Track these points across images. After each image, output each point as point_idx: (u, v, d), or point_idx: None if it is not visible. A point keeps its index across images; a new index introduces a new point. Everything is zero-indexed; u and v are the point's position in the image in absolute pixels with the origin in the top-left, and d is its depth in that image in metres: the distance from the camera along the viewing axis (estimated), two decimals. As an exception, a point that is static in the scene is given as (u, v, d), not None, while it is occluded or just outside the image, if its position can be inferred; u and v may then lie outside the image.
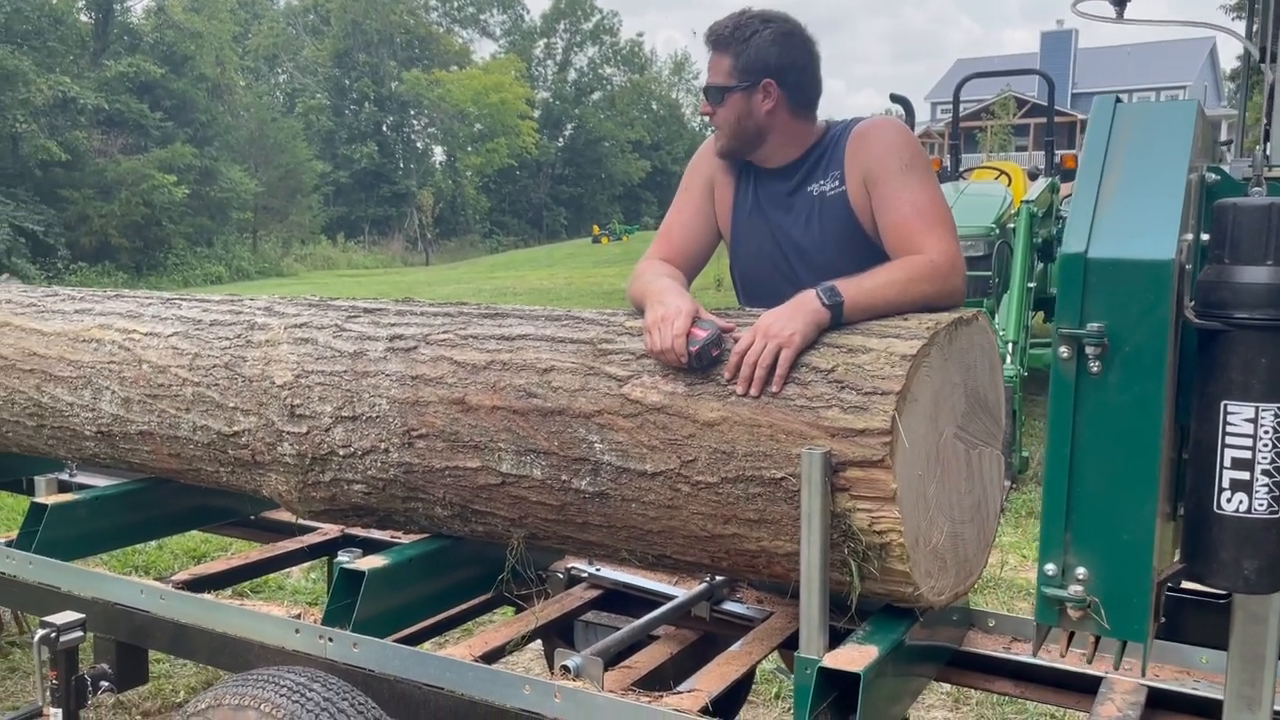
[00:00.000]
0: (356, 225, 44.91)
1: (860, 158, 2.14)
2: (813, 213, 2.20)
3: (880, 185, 2.10)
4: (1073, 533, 0.99)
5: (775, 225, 2.25)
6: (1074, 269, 0.95)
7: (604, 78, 64.49)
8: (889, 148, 2.12)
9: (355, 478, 2.29)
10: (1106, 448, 0.97)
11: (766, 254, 2.27)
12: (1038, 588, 1.02)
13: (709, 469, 1.86)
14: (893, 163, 2.09)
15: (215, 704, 1.87)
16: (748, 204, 2.30)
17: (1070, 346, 0.96)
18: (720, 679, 2.04)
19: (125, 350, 2.63)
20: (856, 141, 2.16)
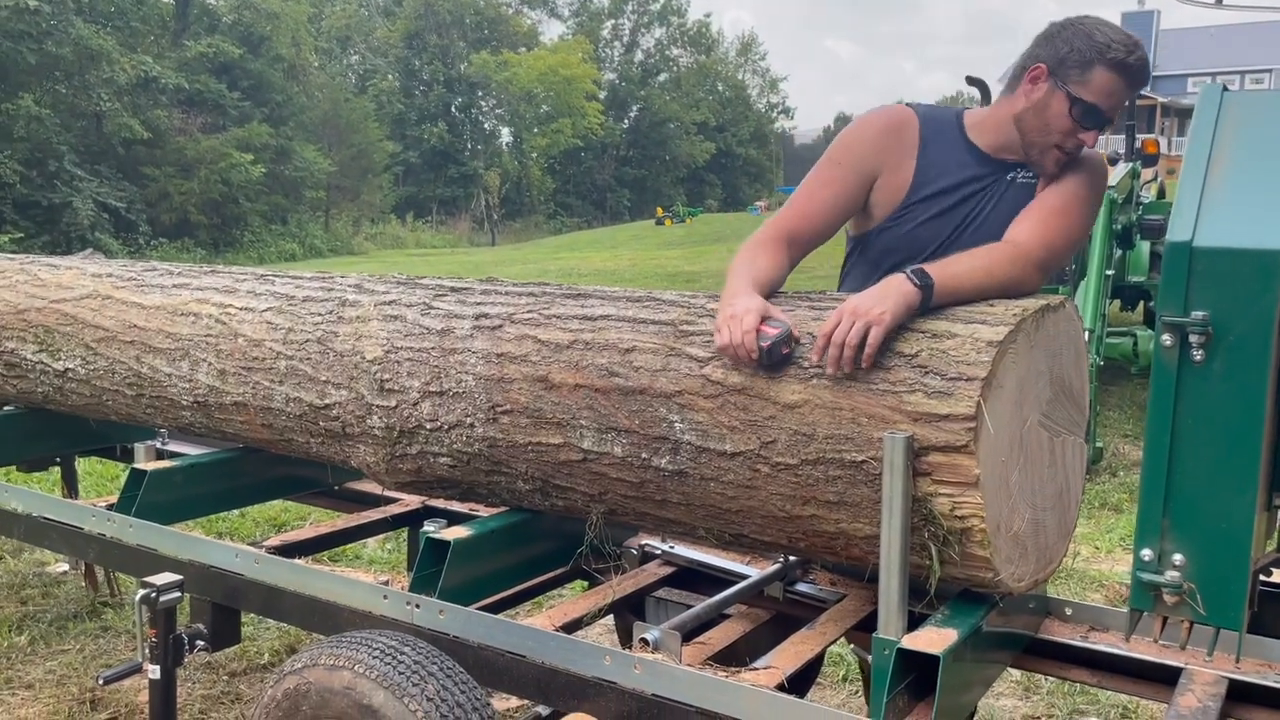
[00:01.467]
0: (425, 205, 45.50)
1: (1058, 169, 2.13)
2: (1000, 194, 2.18)
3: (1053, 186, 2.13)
4: (1170, 519, 1.00)
5: (972, 201, 2.19)
6: (1179, 258, 0.96)
7: (670, 59, 64.28)
8: (1080, 175, 2.13)
9: (441, 451, 2.36)
10: (1207, 436, 0.98)
11: (944, 224, 2.19)
12: (1133, 573, 1.03)
13: (789, 451, 1.88)
14: (1067, 185, 2.12)
15: (311, 664, 1.95)
16: (941, 184, 2.19)
17: (1174, 335, 0.97)
18: (795, 657, 2.07)
19: (221, 324, 2.73)
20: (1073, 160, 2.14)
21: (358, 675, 1.87)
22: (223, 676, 3.50)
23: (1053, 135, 2.09)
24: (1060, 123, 2.07)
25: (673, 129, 59.85)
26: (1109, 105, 2.05)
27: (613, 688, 1.94)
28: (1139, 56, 2.04)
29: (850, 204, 2.24)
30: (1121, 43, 2.04)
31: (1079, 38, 2.06)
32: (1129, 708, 3.20)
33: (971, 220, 2.19)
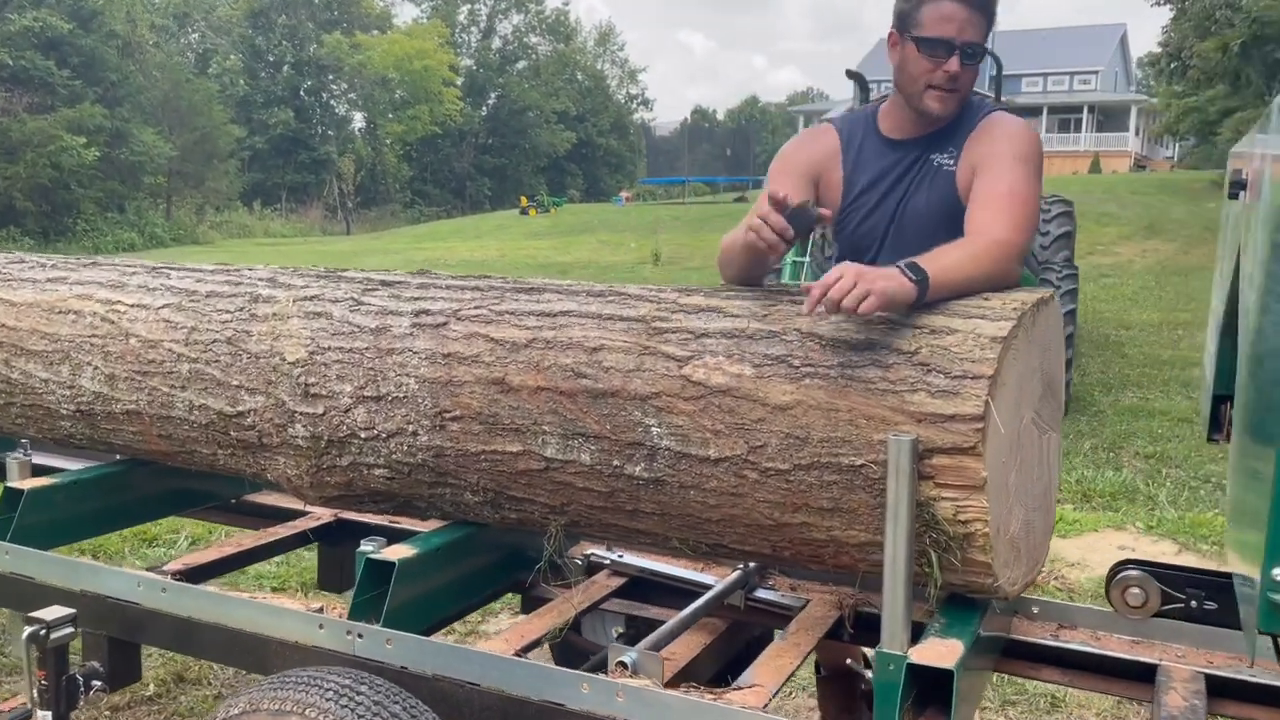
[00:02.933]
0: (273, 192, 43.73)
1: (975, 146, 2.17)
2: (923, 182, 2.23)
3: (983, 173, 2.11)
4: (1310, 536, 0.93)
5: (895, 195, 2.25)
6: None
7: (529, 46, 63.67)
8: (1006, 140, 2.14)
9: (377, 462, 2.14)
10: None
11: (877, 223, 2.27)
12: (1262, 593, 0.95)
13: (780, 455, 1.76)
14: (1002, 154, 2.11)
15: (251, 709, 1.72)
16: (867, 179, 2.28)
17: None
18: (777, 672, 1.96)
19: (109, 323, 2.43)
20: (983, 127, 2.19)
21: (309, 721, 1.66)
22: (104, 711, 3.16)
23: (919, 81, 2.15)
24: (919, 67, 2.14)
25: (532, 117, 59.30)
26: (952, 31, 2.11)
27: (592, 716, 1.79)
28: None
29: None
30: None
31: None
32: (1057, 697, 3.23)
33: (901, 210, 2.25)
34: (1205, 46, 20.03)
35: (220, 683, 3.33)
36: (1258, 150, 1.42)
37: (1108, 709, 3.16)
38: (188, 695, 3.23)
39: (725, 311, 1.90)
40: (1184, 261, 18.36)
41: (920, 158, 2.24)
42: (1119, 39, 57.73)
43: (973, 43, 2.12)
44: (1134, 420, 7.04)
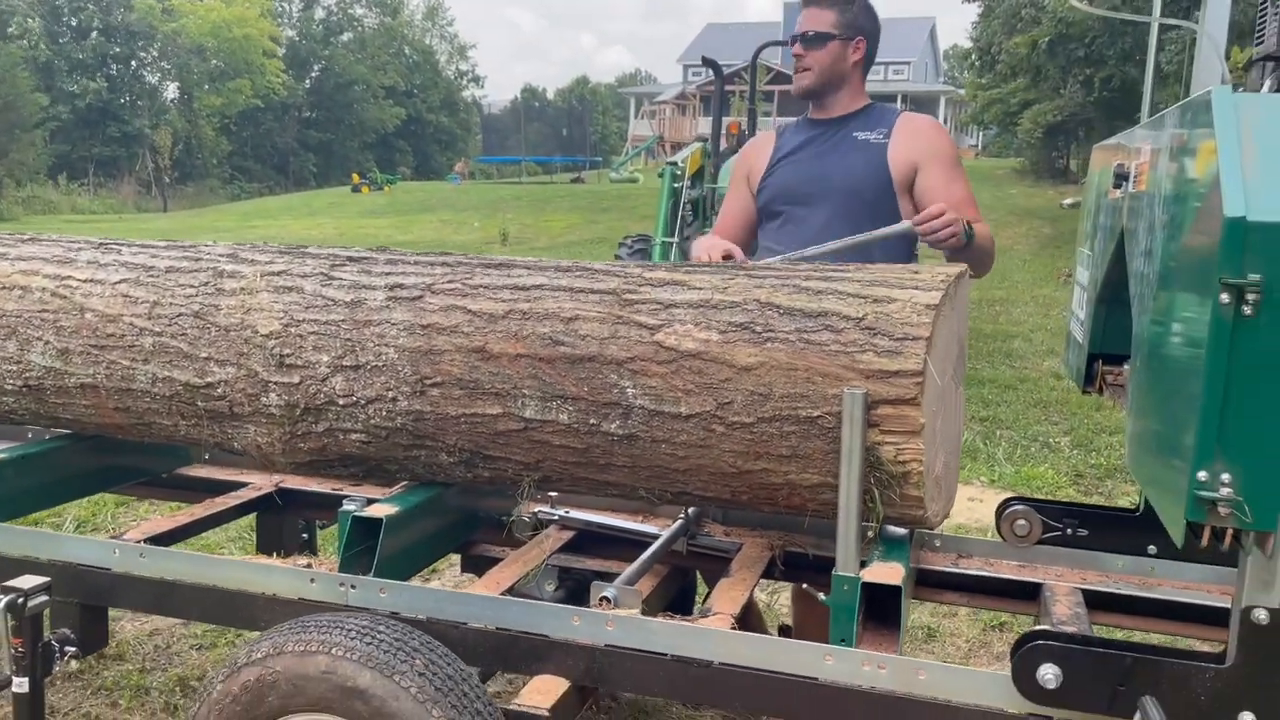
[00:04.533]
0: (79, 166, 40.99)
1: (912, 140, 2.67)
2: (850, 152, 2.69)
3: (934, 169, 2.63)
4: (1222, 446, 1.24)
5: (814, 162, 2.72)
6: (1237, 229, 1.19)
7: (354, 18, 61.76)
8: (942, 143, 2.70)
9: (354, 427, 2.28)
10: (1256, 376, 1.22)
11: (797, 180, 2.73)
12: (1189, 491, 1.26)
13: (745, 410, 2.01)
14: (944, 155, 2.67)
15: (275, 652, 1.84)
16: (785, 152, 2.79)
17: (1231, 293, 1.20)
18: (733, 602, 2.22)
19: (61, 298, 2.45)
20: (909, 123, 2.72)
21: (336, 658, 1.80)
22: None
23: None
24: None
25: (359, 91, 57.65)
26: (802, 25, 2.71)
27: (581, 646, 2.00)
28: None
29: (746, 200, 2.88)
30: None
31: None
32: (933, 628, 3.64)
33: (827, 174, 2.72)
34: (1015, 43, 21.56)
35: (142, 656, 3.34)
36: (1147, 145, 1.76)
37: (975, 636, 3.59)
38: (110, 670, 3.23)
39: (689, 285, 2.14)
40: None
41: (842, 133, 2.73)
42: (929, 32, 60.96)
43: (809, 31, 2.68)
44: (967, 388, 7.69)
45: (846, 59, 2.70)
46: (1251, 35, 2.04)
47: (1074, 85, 22.51)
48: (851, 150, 2.69)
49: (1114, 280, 2.04)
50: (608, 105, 74.24)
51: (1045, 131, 26.58)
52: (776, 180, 2.78)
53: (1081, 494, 5.15)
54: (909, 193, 2.66)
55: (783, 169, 2.78)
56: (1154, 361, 1.57)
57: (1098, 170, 2.40)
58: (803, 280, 2.09)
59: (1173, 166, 1.50)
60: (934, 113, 54.12)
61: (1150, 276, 1.59)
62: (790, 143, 2.82)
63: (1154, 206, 1.63)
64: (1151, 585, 2.35)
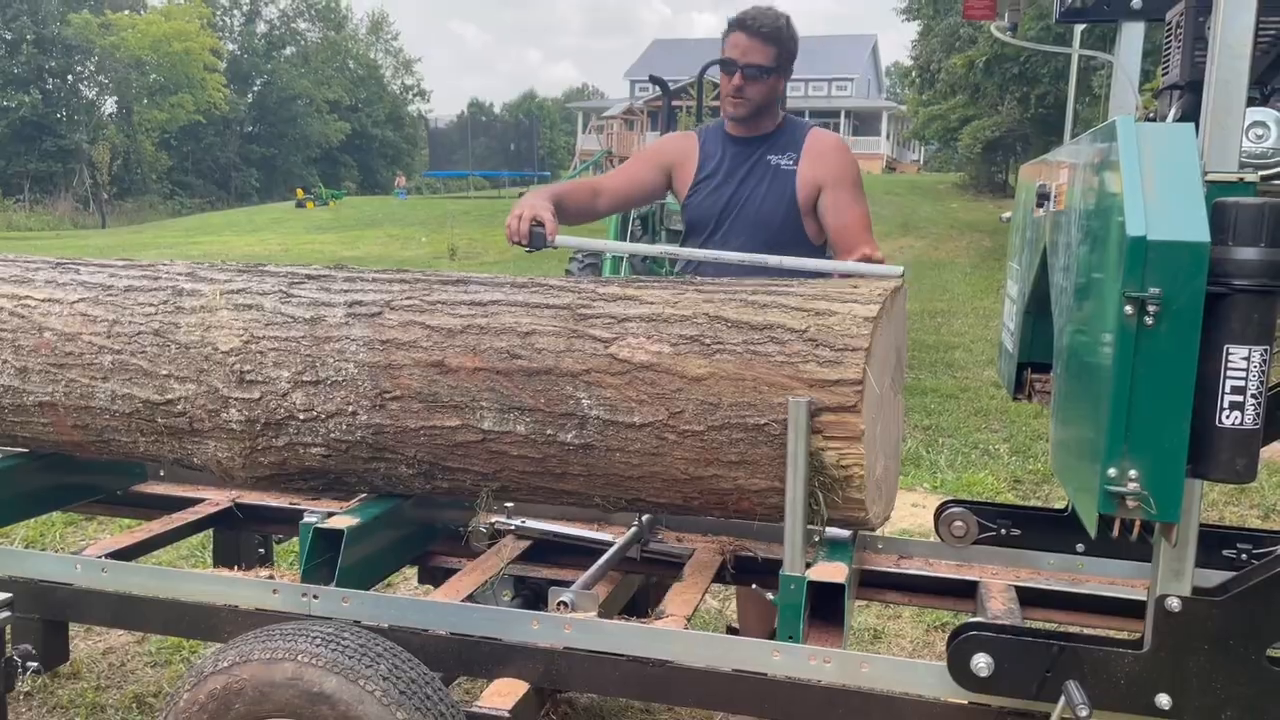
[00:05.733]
0: (14, 183, 40.13)
1: (819, 161, 2.84)
2: (764, 177, 2.85)
3: (836, 191, 2.82)
4: (1129, 444, 1.35)
5: (732, 182, 2.88)
6: (1139, 248, 1.31)
7: (297, 32, 61.25)
8: (846, 166, 2.86)
9: (315, 441, 2.33)
10: (1156, 379, 1.33)
11: (714, 204, 2.90)
12: (1100, 487, 1.37)
13: (696, 418, 2.11)
14: (847, 179, 2.84)
15: (242, 660, 1.89)
16: (711, 167, 2.92)
17: (1134, 305, 1.32)
18: (686, 605, 2.31)
19: (19, 317, 2.48)
20: (817, 143, 2.87)
21: (302, 665, 1.86)
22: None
23: (722, 90, 2.85)
24: (722, 82, 2.84)
25: (302, 106, 57.13)
26: (738, 54, 2.78)
27: (540, 649, 2.07)
28: (756, 18, 2.77)
29: (646, 182, 3.02)
30: (753, 8, 2.82)
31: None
32: (879, 630, 3.75)
33: (740, 201, 2.88)
34: (953, 62, 22.08)
35: (97, 674, 3.34)
36: (1065, 168, 1.89)
37: (919, 637, 3.71)
38: (65, 689, 3.23)
39: (641, 300, 2.23)
40: (936, 256, 20.20)
41: (757, 156, 2.87)
42: (871, 49, 62.01)
43: (754, 64, 2.77)
44: (909, 398, 7.88)
45: (778, 89, 2.86)
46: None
47: (1011, 102, 23.10)
48: (764, 177, 2.86)
49: (1040, 293, 2.17)
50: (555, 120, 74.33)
51: (984, 147, 27.22)
52: (697, 203, 2.94)
53: (1020, 498, 5.32)
54: (813, 212, 2.85)
55: (703, 192, 2.94)
56: (1071, 368, 1.69)
57: (1024, 187, 2.54)
58: (749, 294, 2.19)
59: (1085, 188, 1.62)
60: (877, 128, 55.05)
61: (1068, 289, 1.72)
62: (710, 157, 2.95)
63: (1071, 224, 1.76)
64: (1079, 581, 2.48)
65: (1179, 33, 1.80)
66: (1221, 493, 5.27)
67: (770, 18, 2.78)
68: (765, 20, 2.76)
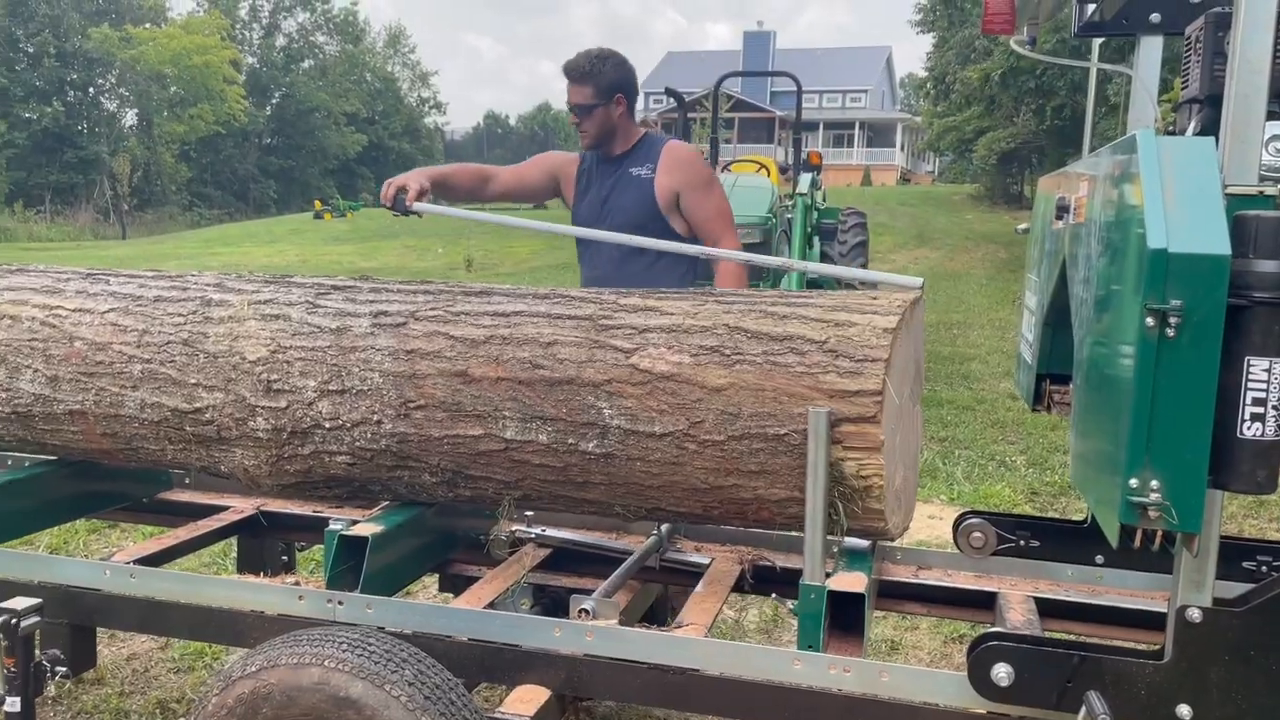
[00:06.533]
0: (36, 194, 40.52)
1: (674, 170, 3.27)
2: (627, 187, 3.29)
3: (692, 193, 3.27)
4: (1150, 454, 1.37)
5: (602, 194, 3.33)
6: (1160, 260, 1.32)
7: (315, 45, 61.73)
8: (698, 172, 3.33)
9: (340, 449, 2.36)
10: (1177, 390, 1.35)
11: (590, 213, 3.34)
12: (1121, 497, 1.39)
13: (716, 428, 2.13)
14: (699, 182, 3.30)
15: (269, 665, 1.92)
16: (585, 182, 3.40)
17: (1155, 317, 1.33)
18: (705, 614, 2.32)
19: (50, 327, 2.52)
20: (672, 153, 3.32)
21: (329, 670, 1.88)
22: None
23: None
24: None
25: (320, 118, 57.51)
26: (570, 99, 3.29)
27: (561, 656, 2.09)
28: (574, 65, 3.26)
29: (533, 183, 3.54)
30: (571, 59, 3.29)
31: None
32: (896, 641, 3.76)
33: (611, 208, 3.31)
34: (969, 74, 22.09)
35: (121, 680, 3.38)
36: (1085, 180, 1.91)
37: (936, 649, 3.71)
38: (89, 694, 3.27)
39: (662, 310, 2.25)
40: (951, 267, 20.18)
41: (620, 170, 3.32)
42: (885, 60, 62.06)
43: (578, 104, 3.27)
44: (926, 409, 7.88)
45: (612, 116, 3.28)
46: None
47: (1026, 114, 23.09)
48: (627, 188, 3.31)
49: (1059, 304, 2.18)
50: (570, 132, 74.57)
51: (999, 158, 27.19)
52: (580, 212, 3.41)
53: (1037, 510, 5.31)
54: (677, 211, 3.28)
55: (580, 205, 3.41)
56: (1091, 379, 1.71)
57: (1042, 200, 2.56)
58: (769, 306, 2.21)
59: (1105, 201, 1.64)
60: (891, 139, 55.07)
61: (1088, 301, 1.73)
62: (586, 175, 3.42)
63: (1091, 237, 1.78)
64: (1099, 592, 2.48)
65: (1198, 47, 1.82)
66: (1241, 505, 5.25)
67: (582, 61, 3.27)
68: (579, 65, 3.26)
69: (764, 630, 3.88)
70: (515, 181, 3.52)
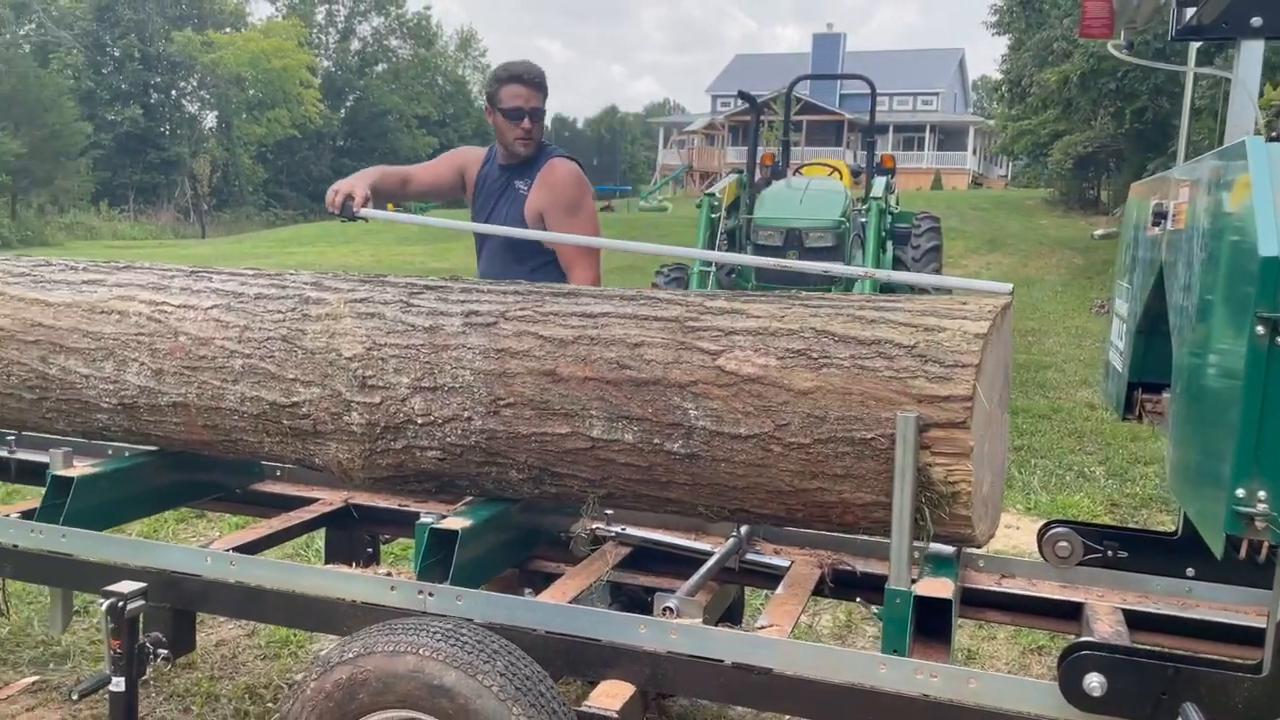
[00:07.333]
0: (119, 193, 41.82)
1: (543, 189, 3.35)
2: (509, 199, 3.42)
3: (554, 216, 3.33)
4: (1259, 465, 1.35)
5: (490, 200, 3.47)
6: (1272, 268, 1.31)
7: (389, 49, 62.77)
8: (566, 194, 3.37)
9: (431, 445, 2.42)
10: (1289, 401, 1.34)
11: (478, 217, 3.47)
12: (1228, 508, 1.38)
13: (802, 431, 2.14)
14: (561, 205, 3.34)
15: (366, 652, 1.98)
16: (481, 185, 3.52)
17: (1266, 326, 1.32)
18: (787, 616, 2.33)
19: (156, 322, 2.62)
20: (548, 172, 3.37)
21: (423, 658, 1.94)
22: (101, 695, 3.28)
23: (509, 135, 3.35)
24: (506, 126, 3.35)
25: (392, 121, 58.51)
26: (522, 103, 3.32)
27: (645, 653, 2.12)
28: (527, 70, 3.35)
29: (445, 181, 3.62)
30: (518, 64, 3.39)
31: (493, 75, 3.44)
32: (972, 650, 3.72)
33: (491, 218, 3.44)
34: (1046, 76, 21.68)
35: (210, 665, 3.49)
36: (1185, 187, 1.89)
37: (1014, 659, 3.67)
38: (181, 678, 3.38)
39: (748, 313, 2.27)
40: (1025, 273, 19.81)
41: (509, 180, 3.43)
42: (958, 63, 61.14)
43: (537, 108, 3.34)
44: (1000, 418, 7.76)
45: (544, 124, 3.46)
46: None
47: (1105, 117, 22.57)
48: (509, 200, 3.43)
49: (1153, 312, 2.15)
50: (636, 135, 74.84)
51: (1075, 162, 26.64)
52: (472, 216, 3.54)
53: (1117, 522, 5.21)
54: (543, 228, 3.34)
55: (474, 205, 3.54)
56: (1194, 388, 1.69)
57: (1135, 206, 2.52)
58: (856, 309, 2.22)
59: (1210, 208, 1.62)
60: (963, 143, 54.23)
61: (1189, 309, 1.71)
62: (484, 178, 3.52)
63: (1192, 244, 1.75)
64: (1189, 606, 2.44)
65: (1305, 52, 1.78)
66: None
67: (535, 69, 3.39)
68: (534, 71, 3.37)
69: (837, 635, 3.87)
70: (430, 180, 3.63)
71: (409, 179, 3.55)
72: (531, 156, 3.40)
